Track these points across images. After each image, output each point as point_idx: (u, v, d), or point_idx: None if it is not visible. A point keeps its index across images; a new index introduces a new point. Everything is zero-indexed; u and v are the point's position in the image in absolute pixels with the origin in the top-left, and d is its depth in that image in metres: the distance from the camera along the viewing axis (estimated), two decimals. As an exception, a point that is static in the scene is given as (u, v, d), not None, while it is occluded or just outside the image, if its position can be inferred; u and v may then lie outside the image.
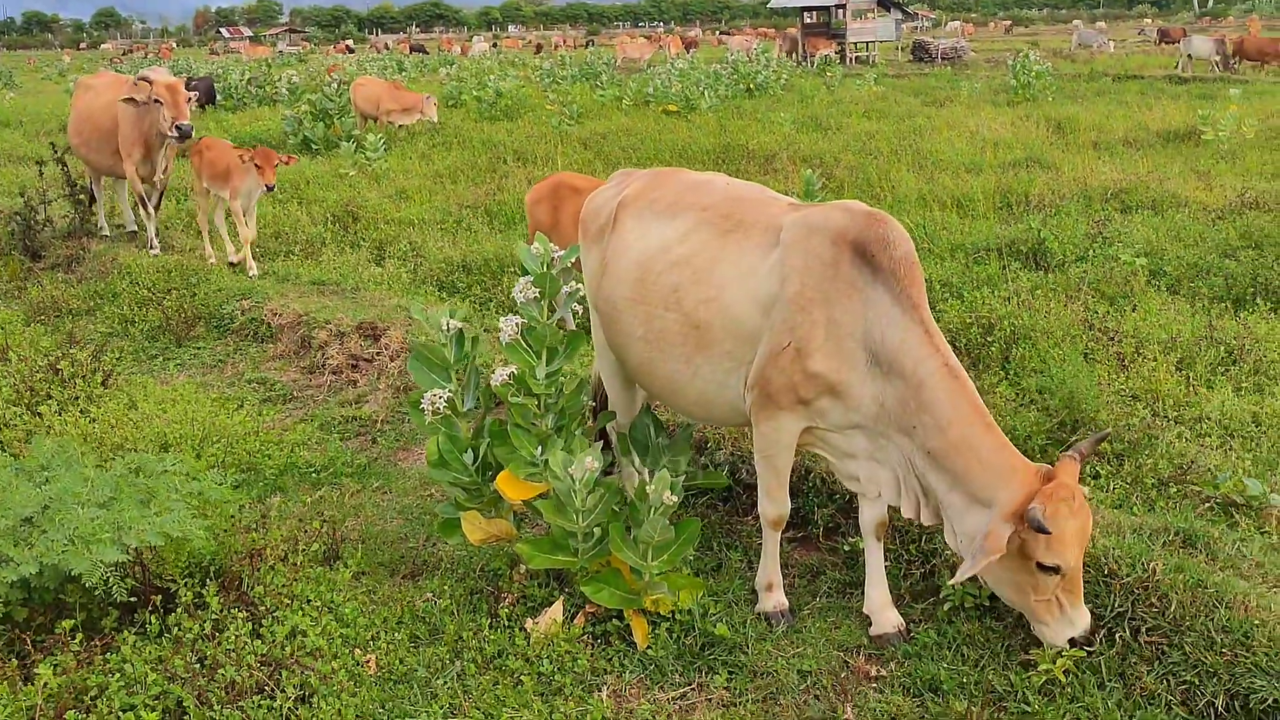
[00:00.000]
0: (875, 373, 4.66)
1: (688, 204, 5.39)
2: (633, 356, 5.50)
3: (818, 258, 4.73)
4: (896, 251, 4.67)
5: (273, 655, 4.76)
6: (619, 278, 5.46)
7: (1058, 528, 4.25)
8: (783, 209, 5.12)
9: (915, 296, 4.65)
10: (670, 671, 4.90)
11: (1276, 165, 15.86)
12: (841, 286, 4.68)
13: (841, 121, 22.05)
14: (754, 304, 4.90)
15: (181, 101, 11.79)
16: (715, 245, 5.11)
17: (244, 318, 10.04)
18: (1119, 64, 38.09)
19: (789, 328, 4.74)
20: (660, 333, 5.23)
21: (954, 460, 4.50)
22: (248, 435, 7.39)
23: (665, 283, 5.21)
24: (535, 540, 5.22)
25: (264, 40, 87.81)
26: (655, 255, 5.31)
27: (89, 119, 12.94)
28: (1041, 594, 4.47)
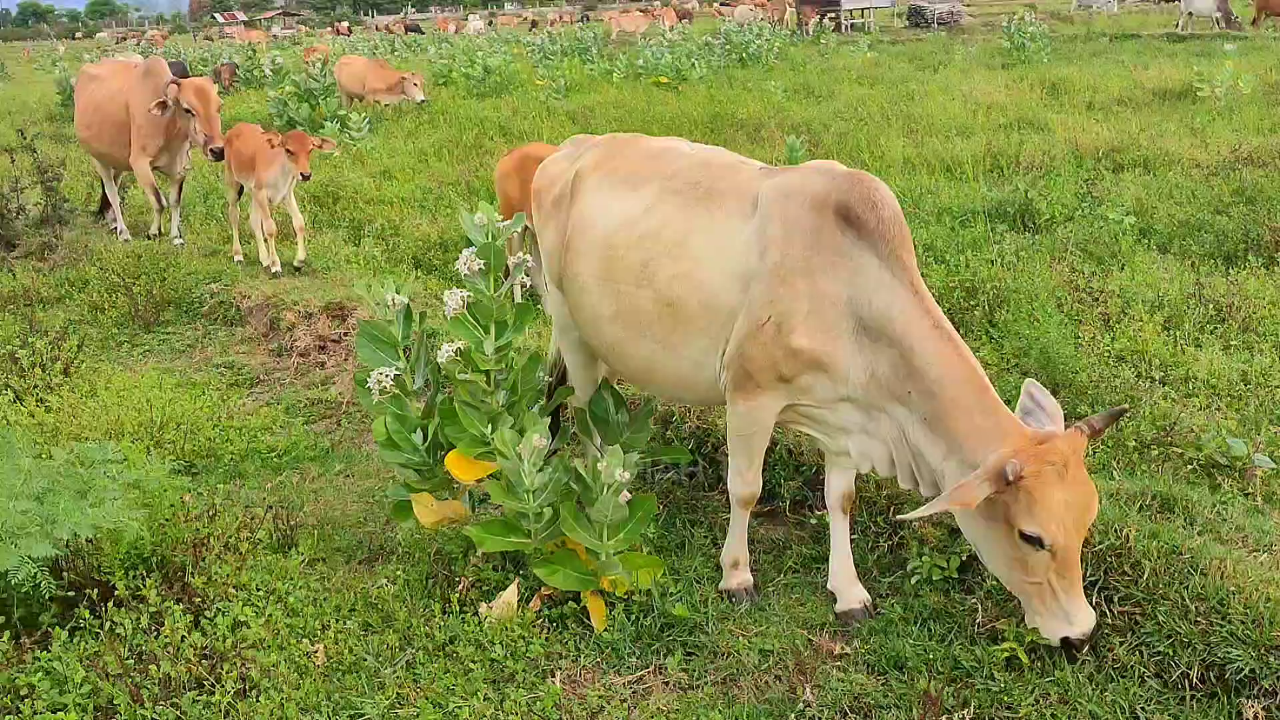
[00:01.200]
0: (863, 341, 4.42)
1: (651, 172, 5.13)
2: (603, 337, 5.25)
3: (798, 225, 4.50)
4: (884, 211, 4.44)
5: (213, 648, 4.58)
6: (584, 254, 5.22)
7: (1041, 491, 3.99)
8: (754, 174, 4.88)
9: (905, 258, 4.41)
10: (626, 655, 4.72)
11: (1273, 120, 15.59)
12: (825, 254, 4.44)
13: (833, 88, 21.76)
14: (730, 278, 4.65)
15: (214, 112, 10.98)
16: (684, 216, 4.86)
17: (213, 301, 9.87)
18: (1116, 24, 37.66)
19: (768, 301, 4.50)
20: (632, 312, 4.99)
21: (947, 424, 4.26)
22: (208, 421, 7.22)
23: (634, 259, 4.95)
24: (487, 523, 5.03)
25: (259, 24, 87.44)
26: (621, 229, 5.05)
27: (97, 110, 12.12)
28: (1031, 574, 4.15)
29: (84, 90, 12.57)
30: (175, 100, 10.88)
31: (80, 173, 16.04)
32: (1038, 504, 4.01)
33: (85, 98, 12.46)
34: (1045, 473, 4.01)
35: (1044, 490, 4.00)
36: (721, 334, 4.72)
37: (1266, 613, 4.15)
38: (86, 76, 12.83)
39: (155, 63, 11.80)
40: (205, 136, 10.80)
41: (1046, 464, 4.01)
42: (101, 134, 12.09)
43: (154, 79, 11.40)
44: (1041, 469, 4.00)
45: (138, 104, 11.39)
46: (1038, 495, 4.00)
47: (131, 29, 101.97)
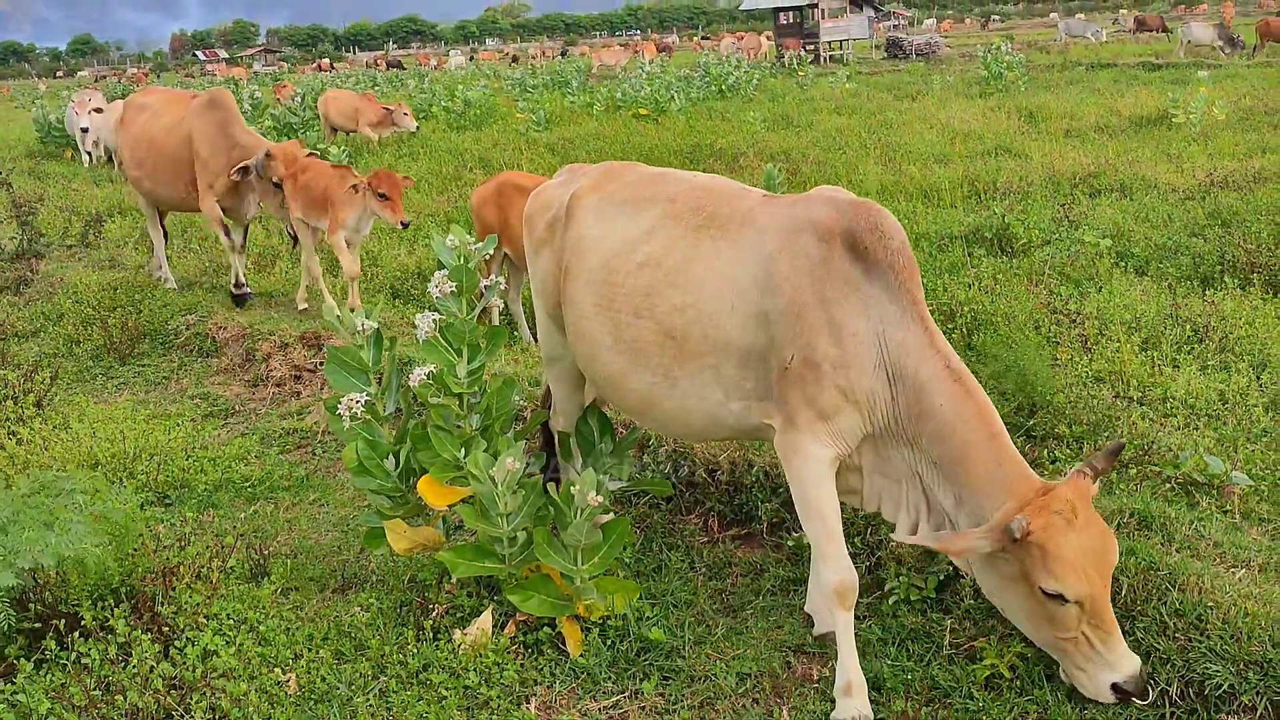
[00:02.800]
0: (883, 376, 4.23)
1: (651, 196, 4.95)
2: (601, 368, 5.01)
3: (806, 258, 4.32)
4: (892, 242, 4.27)
5: (182, 678, 4.53)
6: (582, 280, 5.01)
7: (1053, 544, 3.81)
8: (756, 201, 4.68)
9: (914, 292, 4.24)
10: (603, 680, 4.65)
11: (1247, 145, 15.68)
12: (837, 284, 4.26)
13: (811, 118, 21.85)
14: (737, 314, 4.47)
15: None
16: (687, 243, 4.66)
17: (189, 333, 9.80)
18: (1093, 53, 37.98)
19: (789, 339, 4.30)
20: (632, 342, 4.77)
21: (957, 472, 4.09)
22: (181, 451, 7.15)
23: (634, 286, 4.76)
24: (460, 548, 4.97)
25: (240, 62, 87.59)
26: (620, 254, 4.85)
27: (150, 144, 10.68)
28: (1063, 629, 3.94)
29: (133, 123, 11.15)
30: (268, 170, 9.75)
31: (58, 207, 16.00)
32: (1052, 557, 3.82)
33: (135, 131, 11.01)
34: (1054, 523, 3.83)
35: (1056, 542, 3.82)
36: (727, 369, 4.53)
37: (1245, 628, 4.12)
38: (134, 108, 11.42)
39: (221, 95, 10.52)
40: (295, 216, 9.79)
41: (1053, 514, 3.84)
42: (157, 172, 10.71)
43: (221, 112, 10.26)
44: (1049, 520, 3.83)
45: (201, 136, 10.19)
46: (1051, 548, 3.82)
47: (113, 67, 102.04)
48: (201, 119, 10.27)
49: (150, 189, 10.95)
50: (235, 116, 10.20)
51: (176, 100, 10.99)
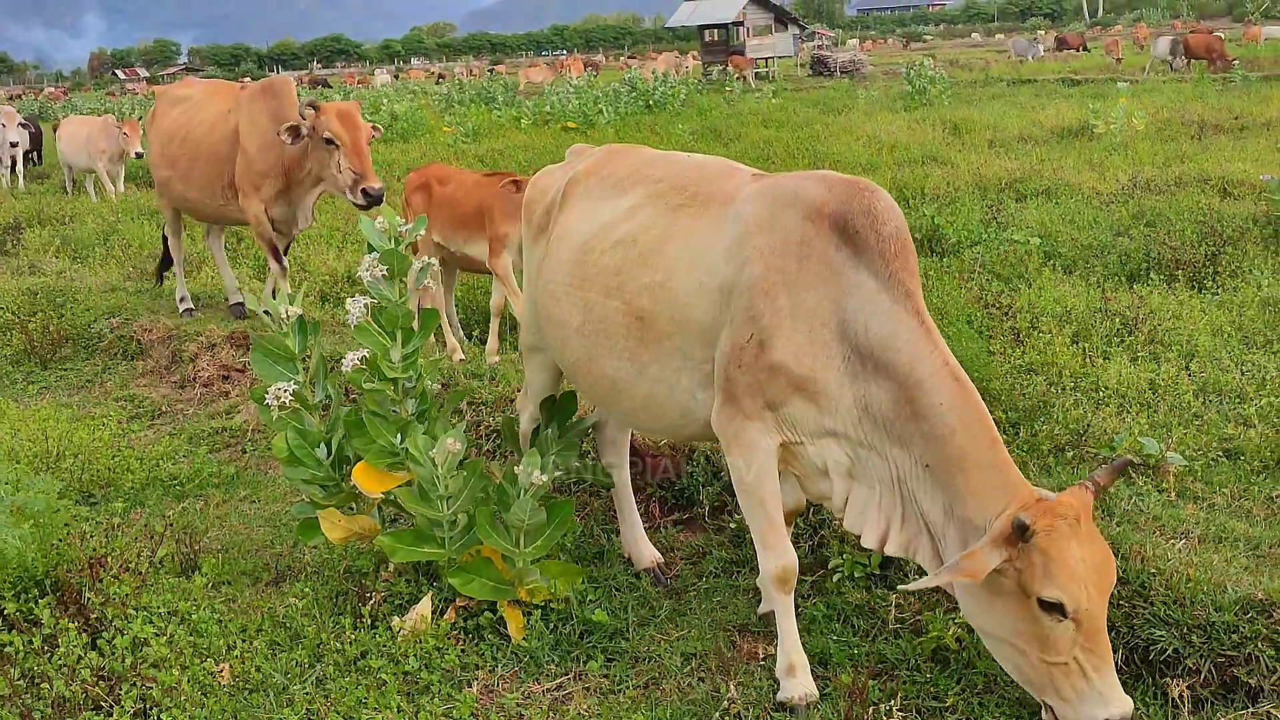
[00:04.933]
0: (857, 371, 3.91)
1: (640, 177, 4.69)
2: (570, 352, 4.77)
3: (785, 236, 4.01)
4: (885, 227, 3.92)
5: (111, 669, 4.38)
6: (559, 260, 4.77)
7: (1057, 550, 3.51)
8: (745, 180, 4.38)
9: (908, 282, 3.90)
10: (545, 662, 4.59)
11: (1166, 154, 15.98)
12: (813, 268, 3.95)
13: (740, 131, 21.95)
14: (706, 292, 4.18)
15: (365, 145, 8.14)
16: (664, 222, 4.40)
17: (113, 336, 9.58)
18: (1013, 70, 38.63)
19: (750, 317, 4.01)
20: (600, 323, 4.52)
21: (952, 476, 3.75)
22: (107, 450, 6.98)
23: (606, 264, 4.50)
24: (399, 533, 4.88)
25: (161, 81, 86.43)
26: (598, 234, 4.61)
27: (185, 142, 9.22)
28: (1054, 652, 3.57)
29: (165, 116, 9.63)
30: (313, 128, 8.14)
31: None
32: (1055, 563, 3.52)
33: (168, 125, 9.50)
34: (1059, 528, 3.55)
35: (1060, 548, 3.53)
36: (696, 354, 4.26)
37: (1187, 593, 4.15)
38: (168, 100, 9.85)
39: (280, 81, 9.14)
40: (354, 174, 8.03)
41: (1059, 518, 3.57)
42: (191, 173, 9.18)
43: (275, 100, 8.76)
44: (1054, 524, 3.55)
45: (250, 129, 8.72)
46: (1054, 554, 3.52)
47: (29, 85, 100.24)
48: (252, 109, 8.83)
49: (181, 193, 9.39)
50: (293, 106, 8.59)
51: (221, 91, 9.58)
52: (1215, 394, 6.57)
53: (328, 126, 8.03)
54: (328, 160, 8.14)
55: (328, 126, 8.03)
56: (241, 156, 8.73)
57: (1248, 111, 20.00)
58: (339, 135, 8.01)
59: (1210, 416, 6.25)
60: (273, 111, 8.61)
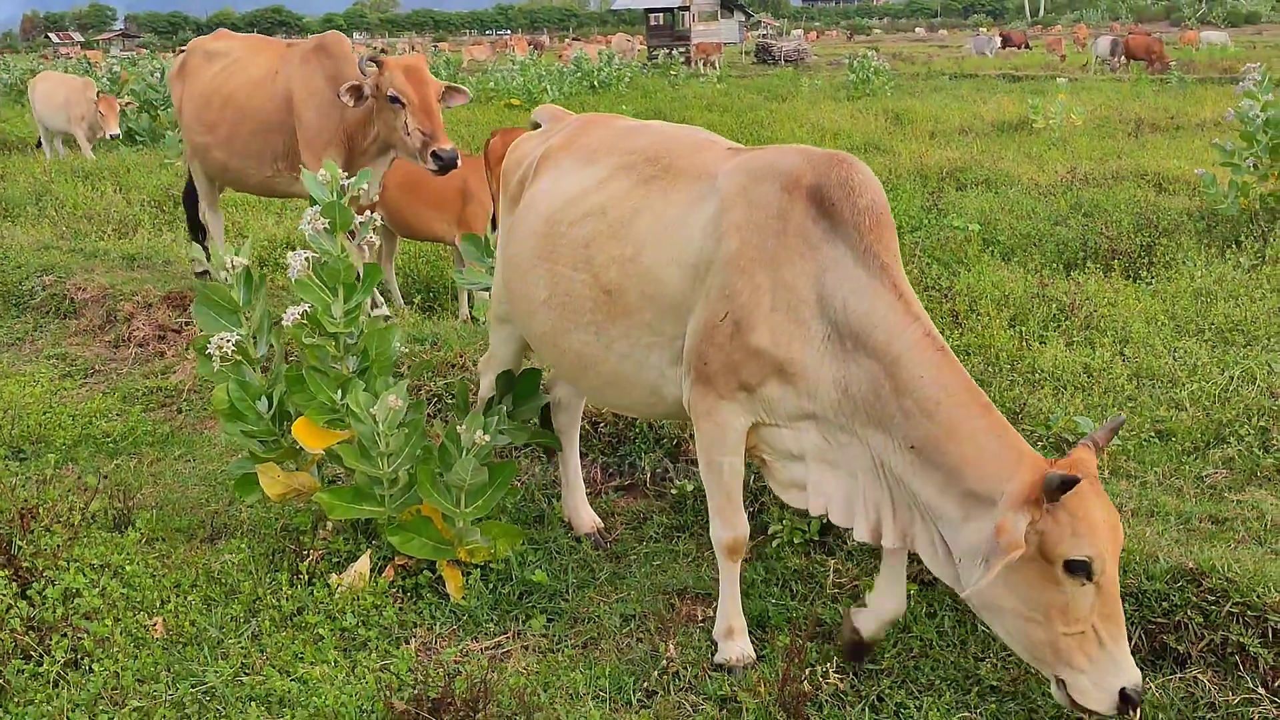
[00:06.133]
0: (836, 350, 3.75)
1: (612, 148, 4.54)
2: (536, 325, 4.62)
3: (762, 209, 3.86)
4: (861, 199, 3.77)
5: (41, 618, 4.31)
6: (526, 231, 4.63)
7: (1083, 508, 3.36)
8: (721, 153, 4.23)
9: (883, 255, 3.75)
10: (485, 621, 4.58)
11: (1104, 150, 16.21)
12: (791, 242, 3.81)
13: (684, 115, 21.96)
14: (678, 266, 4.04)
15: (435, 103, 7.34)
16: (636, 194, 4.26)
17: (44, 294, 9.38)
18: (955, 65, 39.01)
19: (726, 295, 3.86)
20: (567, 296, 4.39)
21: (945, 452, 3.54)
22: (38, 406, 6.86)
23: (575, 236, 4.36)
24: (338, 490, 4.84)
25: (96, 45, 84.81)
26: (567, 205, 4.46)
27: (227, 105, 8.23)
28: (1072, 621, 3.42)
29: (199, 74, 8.57)
30: (376, 86, 7.37)
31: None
32: (1083, 522, 3.35)
33: (204, 84, 8.46)
34: (1084, 486, 3.38)
35: (1086, 506, 3.37)
36: (666, 330, 4.13)
37: (1121, 563, 4.20)
38: (201, 54, 8.73)
39: (333, 38, 8.15)
40: (423, 135, 7.27)
41: (1085, 478, 3.39)
42: (233, 140, 8.24)
43: (331, 60, 7.87)
44: (1081, 485, 3.37)
45: (306, 94, 7.82)
46: (1081, 513, 3.36)
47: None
48: (305, 72, 7.91)
49: (222, 161, 8.40)
50: (352, 66, 7.75)
51: (265, 49, 8.59)
52: (1148, 378, 6.68)
53: (392, 83, 7.28)
54: (393, 121, 7.34)
55: (392, 83, 7.28)
56: (300, 127, 7.85)
57: (1183, 112, 20.37)
58: (405, 93, 7.26)
59: (1143, 399, 6.35)
60: (329, 73, 7.79)
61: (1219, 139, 10.55)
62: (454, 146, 7.28)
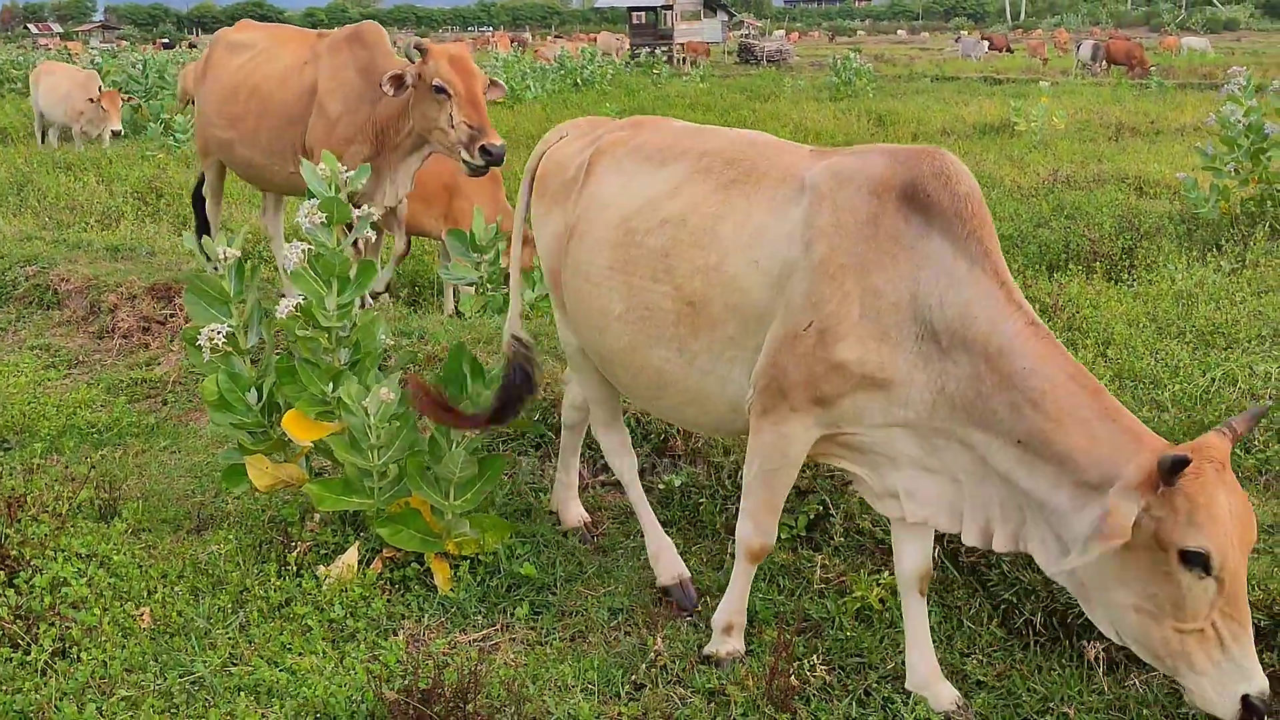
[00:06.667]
0: (930, 352, 3.56)
1: (683, 149, 4.30)
2: (608, 342, 4.34)
3: (851, 213, 3.67)
4: (960, 186, 3.60)
5: (29, 608, 4.31)
6: (594, 240, 4.34)
7: (1204, 495, 3.10)
8: (804, 156, 4.04)
9: (986, 241, 3.57)
10: (473, 613, 4.60)
11: (1084, 153, 16.33)
12: (884, 245, 3.61)
13: (667, 113, 21.94)
14: (762, 274, 3.83)
15: (481, 94, 7.01)
16: (716, 199, 4.03)
17: (28, 284, 9.34)
18: (937, 68, 39.15)
19: (811, 303, 3.66)
20: (646, 310, 4.12)
21: (1055, 443, 3.34)
22: (22, 396, 6.84)
23: (653, 246, 4.11)
24: (327, 482, 4.85)
25: (76, 37, 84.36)
26: (641, 211, 4.21)
27: (253, 98, 7.80)
28: (1189, 617, 3.16)
29: (223, 66, 8.16)
30: (419, 75, 6.95)
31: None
32: (1201, 510, 3.11)
33: (229, 77, 8.05)
34: (1206, 472, 3.13)
35: (1207, 493, 3.12)
36: (751, 343, 3.90)
37: (1105, 559, 4.26)
38: (226, 46, 8.33)
39: (369, 28, 7.71)
40: (470, 129, 6.87)
41: (1206, 461, 3.15)
42: (258, 135, 7.77)
43: (366, 51, 7.46)
44: (1202, 467, 3.13)
45: (334, 85, 7.40)
46: (1201, 500, 3.11)
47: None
48: (335, 62, 7.50)
49: (246, 158, 7.96)
50: (388, 58, 7.38)
51: (294, 39, 8.13)
52: (1130, 379, 6.72)
53: (437, 72, 6.84)
54: (436, 114, 6.90)
55: (437, 72, 6.84)
56: (319, 118, 7.39)
57: (1163, 117, 20.52)
58: (452, 83, 6.83)
59: (1126, 400, 6.39)
60: (362, 64, 7.37)
61: (1200, 143, 10.65)
62: (503, 141, 6.95)
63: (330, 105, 7.33)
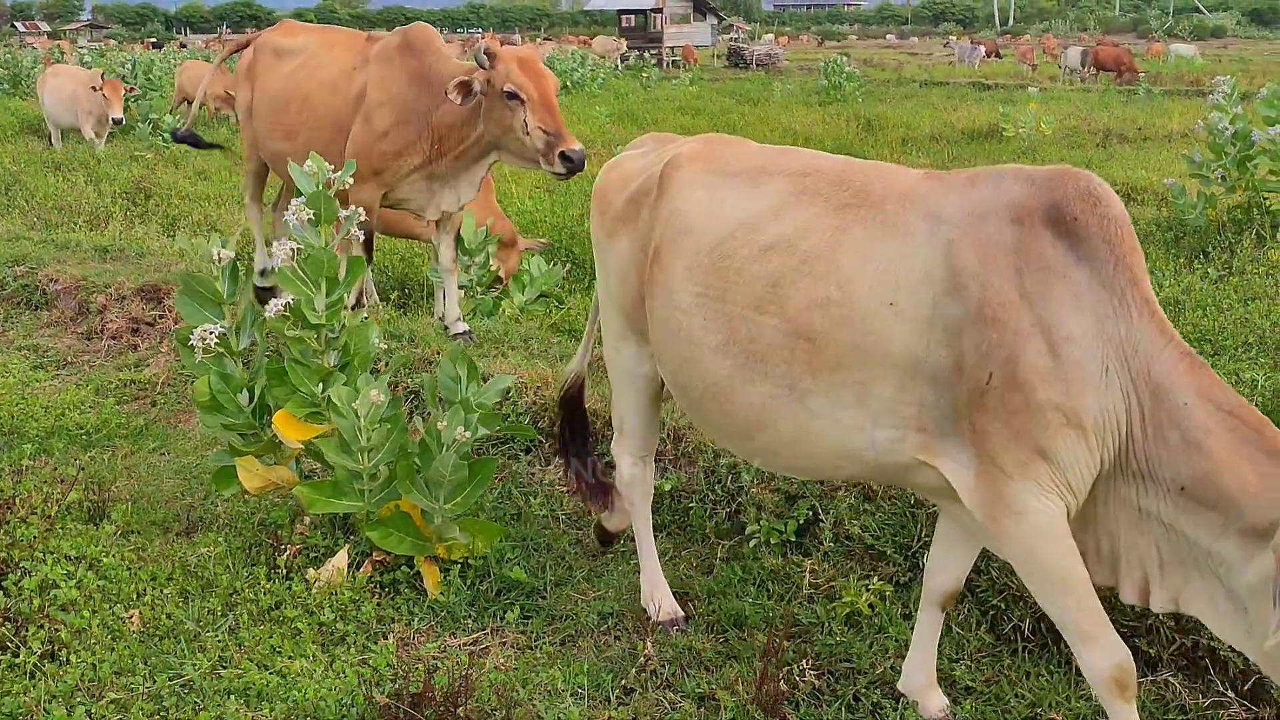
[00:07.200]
0: (1114, 387, 3.23)
1: (774, 169, 3.90)
2: (700, 375, 3.90)
3: (997, 247, 3.32)
4: (1109, 209, 3.29)
5: (18, 610, 4.31)
6: (681, 265, 3.93)
7: None
8: (918, 179, 3.65)
9: (1135, 268, 3.27)
10: (463, 617, 4.60)
11: (1072, 160, 16.36)
12: (1040, 275, 3.28)
13: (657, 116, 22.10)
14: (904, 321, 3.41)
15: (554, 98, 6.63)
16: (829, 225, 3.61)
17: (16, 284, 9.30)
18: (926, 73, 39.27)
19: (984, 354, 3.28)
20: (750, 344, 3.71)
21: (1219, 486, 3.06)
22: (10, 397, 6.83)
23: (757, 273, 3.70)
24: (317, 484, 4.85)
25: (64, 36, 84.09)
26: (738, 234, 3.80)
27: (305, 107, 7.37)
28: None
29: (272, 72, 7.72)
30: (488, 82, 6.54)
31: None
32: None
33: (278, 85, 7.60)
34: None
35: None
36: (878, 389, 3.47)
37: (1093, 566, 4.28)
38: (272, 51, 7.82)
39: (420, 32, 7.20)
40: (547, 135, 6.45)
41: None
42: (311, 144, 7.02)
43: (416, 59, 7.00)
44: None
45: (383, 96, 7.00)
46: None
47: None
48: (385, 72, 7.07)
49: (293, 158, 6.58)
50: (443, 60, 6.96)
51: (342, 42, 7.62)
52: (1118, 385, 6.76)
53: (509, 77, 6.43)
54: (510, 120, 6.50)
55: (509, 77, 6.43)
56: (362, 128, 6.98)
57: (1150, 123, 20.58)
58: (524, 87, 6.44)
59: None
60: (413, 73, 6.95)
61: (1188, 151, 10.68)
62: (582, 146, 6.55)
63: (378, 118, 6.94)
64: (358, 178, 6.46)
